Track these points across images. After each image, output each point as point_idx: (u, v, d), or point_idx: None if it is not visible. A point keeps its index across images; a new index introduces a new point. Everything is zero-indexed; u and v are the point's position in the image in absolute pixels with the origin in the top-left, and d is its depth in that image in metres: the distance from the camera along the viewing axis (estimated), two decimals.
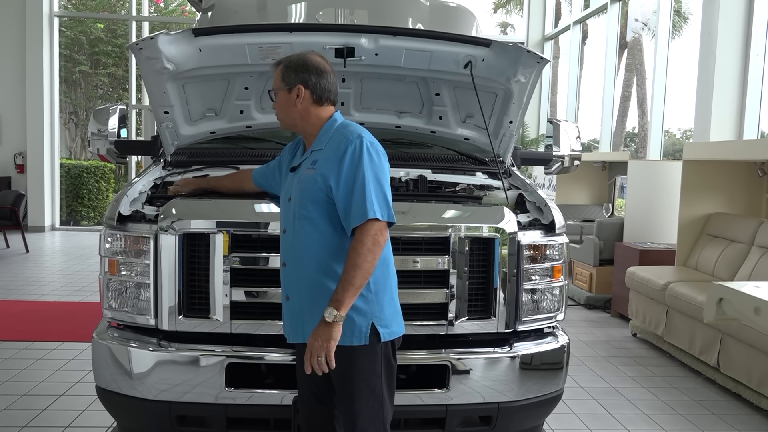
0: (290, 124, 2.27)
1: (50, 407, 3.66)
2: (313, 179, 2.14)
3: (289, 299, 2.22)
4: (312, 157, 2.20)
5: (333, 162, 2.12)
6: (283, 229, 2.23)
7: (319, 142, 2.22)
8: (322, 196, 2.12)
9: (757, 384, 3.92)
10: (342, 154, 2.11)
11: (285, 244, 2.23)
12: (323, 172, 2.12)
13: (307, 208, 2.14)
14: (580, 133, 3.91)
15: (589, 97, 11.84)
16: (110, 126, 3.44)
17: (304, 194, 2.15)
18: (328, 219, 2.13)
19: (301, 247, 2.15)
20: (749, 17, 6.44)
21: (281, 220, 2.27)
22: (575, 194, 8.29)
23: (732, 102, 6.48)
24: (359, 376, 2.14)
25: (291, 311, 2.22)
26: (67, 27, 15.63)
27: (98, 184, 12.58)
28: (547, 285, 2.69)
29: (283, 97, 2.21)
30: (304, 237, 2.15)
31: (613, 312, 6.35)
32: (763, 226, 4.87)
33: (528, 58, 2.81)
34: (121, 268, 2.56)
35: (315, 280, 2.13)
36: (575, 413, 3.83)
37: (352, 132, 2.18)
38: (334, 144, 2.16)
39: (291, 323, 2.23)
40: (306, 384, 2.31)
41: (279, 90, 2.21)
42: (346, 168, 2.09)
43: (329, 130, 2.22)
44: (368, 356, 2.14)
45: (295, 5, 3.64)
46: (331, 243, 2.14)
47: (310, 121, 2.23)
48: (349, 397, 2.16)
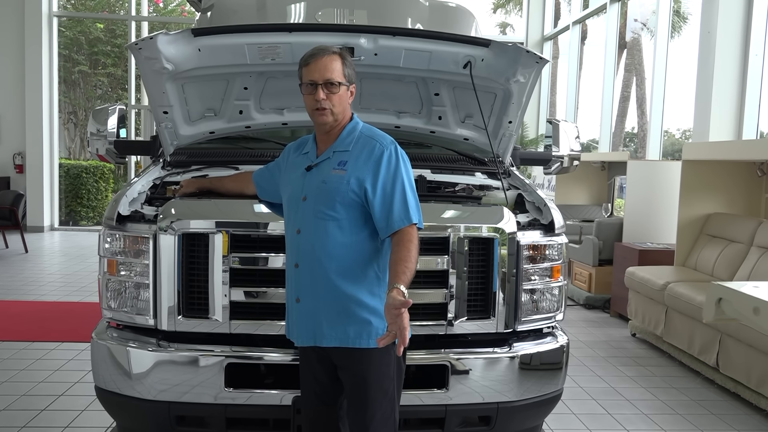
0: (332, 120, 2.18)
1: (49, 407, 3.66)
2: (344, 181, 2.12)
3: (299, 301, 2.18)
4: (336, 158, 2.18)
5: (368, 166, 2.13)
6: (297, 229, 2.18)
7: (341, 143, 2.20)
8: (354, 198, 2.11)
9: (756, 384, 3.92)
10: (378, 159, 2.13)
11: (299, 244, 2.18)
12: (359, 176, 2.12)
13: (335, 209, 2.12)
14: (579, 133, 3.91)
15: (589, 97, 11.85)
16: (109, 126, 3.43)
17: (331, 195, 2.12)
18: (354, 221, 2.13)
19: (321, 247, 2.12)
20: (748, 17, 6.44)
21: (292, 219, 2.22)
22: (574, 194, 8.30)
23: (731, 102, 6.48)
24: (374, 378, 2.14)
25: (302, 313, 2.18)
26: (66, 27, 15.62)
27: (97, 184, 12.57)
28: (547, 285, 2.69)
29: (343, 91, 2.17)
30: (325, 237, 2.12)
31: (613, 312, 6.35)
32: (762, 226, 4.87)
33: (527, 58, 2.81)
34: (121, 269, 2.55)
35: (333, 282, 2.12)
36: (574, 413, 3.83)
37: (384, 137, 2.21)
38: (366, 147, 2.17)
39: (302, 326, 2.19)
40: (310, 385, 2.30)
41: (342, 83, 2.16)
42: (383, 173, 2.12)
43: (353, 131, 2.22)
44: (383, 359, 2.14)
45: (294, 5, 3.64)
46: (353, 245, 2.13)
47: (345, 120, 2.23)
48: (363, 399, 2.14)
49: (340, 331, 2.13)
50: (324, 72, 2.13)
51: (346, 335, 2.13)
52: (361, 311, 2.12)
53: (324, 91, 2.13)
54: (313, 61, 2.15)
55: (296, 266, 2.18)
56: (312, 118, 2.21)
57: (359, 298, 2.13)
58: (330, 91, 2.14)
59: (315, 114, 2.17)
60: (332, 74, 2.13)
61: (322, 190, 2.15)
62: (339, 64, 2.16)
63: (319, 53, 2.16)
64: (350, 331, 2.12)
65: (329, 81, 2.13)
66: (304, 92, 2.18)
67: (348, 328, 2.12)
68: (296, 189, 2.23)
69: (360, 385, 2.15)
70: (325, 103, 2.13)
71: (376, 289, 2.15)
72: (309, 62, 2.15)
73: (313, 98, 2.14)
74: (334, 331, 2.13)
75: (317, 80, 2.13)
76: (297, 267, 2.18)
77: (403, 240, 2.08)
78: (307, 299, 2.16)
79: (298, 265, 2.18)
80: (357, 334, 2.12)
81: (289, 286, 2.24)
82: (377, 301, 2.12)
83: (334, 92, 2.14)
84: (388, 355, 2.14)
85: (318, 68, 2.13)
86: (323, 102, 2.13)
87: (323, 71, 2.13)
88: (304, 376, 2.31)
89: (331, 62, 2.14)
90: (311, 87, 2.15)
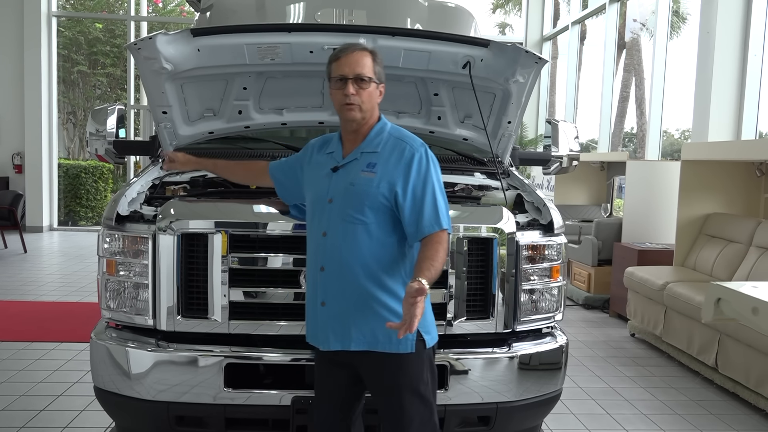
0: (360, 117, 2.13)
1: (48, 408, 3.66)
2: (374, 184, 2.08)
3: (325, 305, 2.13)
4: (364, 159, 2.14)
5: (398, 169, 2.10)
6: (324, 231, 2.13)
7: (369, 143, 2.16)
8: (384, 202, 2.08)
9: (755, 384, 3.92)
10: (408, 162, 2.10)
11: (325, 248, 2.13)
12: (390, 179, 2.08)
13: (364, 213, 2.08)
14: (578, 133, 3.92)
15: (588, 98, 11.86)
16: (108, 126, 3.43)
17: (360, 198, 2.08)
18: (383, 225, 2.10)
19: (348, 251, 2.08)
20: (747, 18, 6.45)
21: (317, 222, 2.17)
22: (574, 194, 8.30)
23: (730, 102, 6.49)
24: (408, 384, 2.11)
25: (328, 317, 2.13)
26: (65, 27, 15.61)
27: (96, 184, 12.57)
28: (546, 285, 2.69)
29: (372, 88, 2.14)
30: (353, 241, 2.08)
31: (612, 312, 6.35)
32: (761, 226, 4.87)
33: (526, 58, 2.81)
34: (120, 269, 2.55)
35: (362, 286, 2.08)
36: (574, 413, 3.83)
37: (414, 139, 2.18)
38: (395, 149, 2.13)
39: (328, 330, 2.14)
40: (328, 391, 2.25)
41: (372, 80, 2.12)
42: (413, 177, 2.09)
43: (381, 132, 2.18)
44: (416, 363, 2.11)
45: (293, 5, 3.64)
46: (381, 250, 2.10)
47: (372, 120, 2.19)
48: (399, 406, 2.10)
49: (369, 335, 2.09)
50: (355, 66, 2.09)
51: (375, 339, 2.09)
52: (389, 316, 2.07)
53: (354, 86, 2.08)
54: (343, 55, 2.11)
55: (322, 269, 2.13)
56: (340, 114, 2.17)
57: (388, 303, 2.09)
58: (360, 86, 2.10)
59: (343, 109, 2.12)
60: (363, 69, 2.10)
61: (350, 193, 2.10)
62: (370, 60, 2.13)
63: (350, 48, 2.13)
64: (379, 335, 2.08)
65: (359, 76, 2.09)
66: (333, 87, 2.14)
67: (377, 332, 2.08)
68: (321, 190, 2.17)
69: (393, 390, 2.11)
70: (354, 98, 2.09)
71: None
72: (339, 57, 2.12)
73: (342, 93, 2.10)
74: (362, 335, 2.10)
75: (347, 74, 2.09)
76: (323, 270, 2.13)
77: (432, 241, 2.05)
78: (334, 303, 2.12)
79: (323, 268, 2.13)
80: (386, 339, 2.08)
81: (313, 289, 2.19)
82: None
83: (364, 88, 2.10)
84: (419, 359, 2.11)
85: (349, 62, 2.10)
86: (352, 97, 2.08)
87: (354, 66, 2.09)
88: (322, 381, 2.27)
89: (362, 57, 2.11)
90: (340, 82, 2.10)
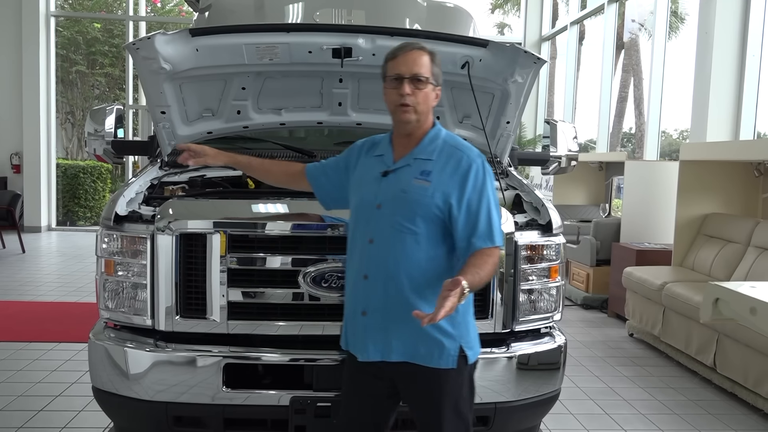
0: (415, 119, 2.05)
1: (46, 408, 3.66)
2: (427, 193, 1.99)
3: (366, 314, 2.06)
4: (418, 166, 2.05)
5: (454, 179, 2.02)
6: (370, 238, 2.05)
7: (423, 150, 2.08)
8: (437, 213, 1.99)
9: (753, 384, 3.93)
10: (465, 173, 2.02)
11: (371, 255, 2.05)
12: (444, 190, 2.00)
13: (415, 222, 2.00)
14: (577, 133, 3.92)
15: (586, 98, 11.86)
16: (107, 126, 3.43)
17: (411, 206, 1.99)
18: (433, 237, 2.02)
19: (395, 261, 2.01)
20: (745, 18, 6.46)
21: (363, 227, 2.09)
22: (572, 194, 8.31)
23: (728, 102, 6.50)
24: (449, 400, 2.06)
25: (369, 327, 2.07)
26: (63, 27, 15.60)
27: (95, 184, 12.56)
28: (544, 285, 2.69)
29: (429, 89, 2.05)
30: (401, 251, 2.01)
31: (610, 312, 6.36)
32: (760, 226, 4.88)
33: (525, 58, 2.81)
34: (118, 269, 2.55)
35: (406, 298, 2.00)
36: (572, 413, 3.84)
37: (471, 148, 2.11)
38: (452, 158, 2.05)
39: (368, 340, 2.07)
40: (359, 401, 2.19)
41: (429, 81, 2.04)
42: (469, 189, 2.01)
43: (435, 139, 2.10)
44: (457, 380, 2.07)
45: (292, 5, 3.64)
46: (428, 261, 2.02)
47: (426, 124, 2.10)
48: (438, 422, 2.06)
49: (410, 347, 2.03)
50: (412, 66, 2.01)
51: (416, 352, 2.03)
52: (433, 331, 1.99)
53: (410, 86, 2.00)
54: (401, 54, 2.04)
55: (365, 277, 2.06)
56: (393, 115, 2.09)
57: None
58: (416, 86, 2.01)
59: (397, 111, 2.04)
60: (420, 69, 2.02)
61: (401, 200, 2.02)
62: (428, 60, 2.04)
63: (407, 46, 2.06)
64: (421, 348, 2.02)
65: (417, 76, 2.01)
66: (388, 87, 2.06)
67: (419, 345, 2.02)
68: (369, 195, 2.09)
69: (432, 406, 2.06)
70: (409, 99, 2.01)
71: None
72: (396, 55, 2.05)
73: (398, 93, 2.02)
74: (403, 346, 2.03)
75: (404, 74, 2.01)
76: (366, 278, 2.06)
77: (483, 254, 1.97)
78: (376, 313, 2.05)
79: (367, 276, 2.06)
80: (428, 353, 2.02)
81: (354, 297, 2.12)
82: (451, 321, 2.00)
83: (420, 88, 2.02)
84: (461, 376, 2.07)
85: (406, 61, 2.02)
86: (408, 98, 2.00)
87: (411, 65, 2.01)
88: (355, 391, 2.20)
89: (420, 57, 2.03)
90: (396, 81, 2.02)
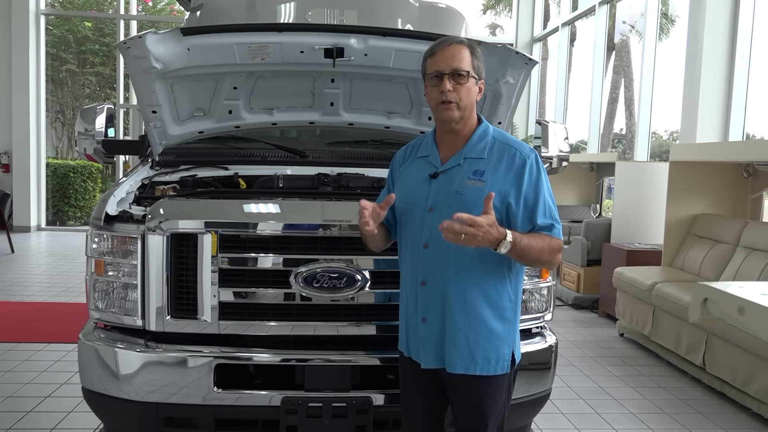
0: (458, 116, 1.99)
1: (36, 409, 3.63)
2: (484, 194, 1.90)
3: (426, 321, 2.03)
4: (469, 165, 2.00)
5: (509, 177, 1.97)
6: (425, 243, 2.00)
7: (473, 148, 2.02)
8: (495, 214, 1.89)
9: (741, 383, 3.96)
10: (519, 170, 1.97)
11: (427, 261, 2.00)
12: (501, 189, 1.94)
13: None
14: (568, 134, 3.93)
15: (577, 99, 11.91)
16: (97, 125, 3.41)
17: (468, 209, 1.87)
18: None
19: (455, 267, 1.97)
20: (735, 20, 6.51)
21: (416, 232, 2.03)
22: (563, 195, 8.34)
23: (718, 104, 6.55)
24: (491, 404, 2.05)
25: (428, 334, 2.03)
26: (54, 25, 15.49)
27: (85, 183, 12.48)
28: (535, 285, 2.70)
29: (471, 84, 1.99)
30: (460, 256, 1.95)
31: (601, 312, 6.39)
32: (748, 227, 4.92)
33: (516, 59, 2.82)
34: (108, 269, 2.53)
35: (466, 303, 1.98)
36: (563, 413, 3.85)
37: (522, 144, 2.05)
38: (505, 156, 2.00)
39: (429, 347, 2.04)
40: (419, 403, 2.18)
41: (470, 75, 1.98)
42: (525, 185, 1.96)
43: (485, 136, 2.04)
44: (504, 383, 2.07)
45: (284, 5, 3.64)
46: (489, 265, 1.98)
47: (471, 121, 2.05)
48: (483, 425, 2.04)
49: (468, 358, 2.00)
50: (452, 61, 1.96)
51: (473, 362, 2.00)
52: (491, 337, 2.00)
53: (450, 81, 1.95)
54: (439, 49, 1.98)
55: (423, 284, 2.02)
56: (435, 114, 2.03)
57: (490, 324, 2.00)
58: (457, 82, 1.95)
59: (439, 108, 1.99)
60: (460, 63, 1.96)
61: (456, 203, 1.94)
62: (468, 54, 1.98)
63: (446, 41, 2.00)
64: (478, 357, 2.00)
65: (457, 71, 1.95)
66: (428, 84, 2.00)
67: (476, 354, 2.00)
68: (419, 197, 2.03)
69: (476, 409, 2.05)
70: (451, 95, 1.95)
71: (508, 314, 2.03)
72: (435, 51, 1.99)
73: (438, 90, 1.96)
74: (461, 358, 2.00)
75: (444, 70, 1.95)
76: (424, 285, 2.02)
77: (553, 242, 1.97)
78: (435, 320, 2.02)
79: (425, 282, 2.01)
80: (484, 361, 2.00)
81: (412, 303, 2.07)
82: (508, 326, 2.02)
83: (462, 84, 1.96)
84: (503, 380, 2.05)
85: (445, 57, 1.96)
86: (449, 94, 1.94)
87: (451, 60, 1.96)
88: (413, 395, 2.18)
89: (460, 51, 1.97)
90: (436, 78, 1.97)
